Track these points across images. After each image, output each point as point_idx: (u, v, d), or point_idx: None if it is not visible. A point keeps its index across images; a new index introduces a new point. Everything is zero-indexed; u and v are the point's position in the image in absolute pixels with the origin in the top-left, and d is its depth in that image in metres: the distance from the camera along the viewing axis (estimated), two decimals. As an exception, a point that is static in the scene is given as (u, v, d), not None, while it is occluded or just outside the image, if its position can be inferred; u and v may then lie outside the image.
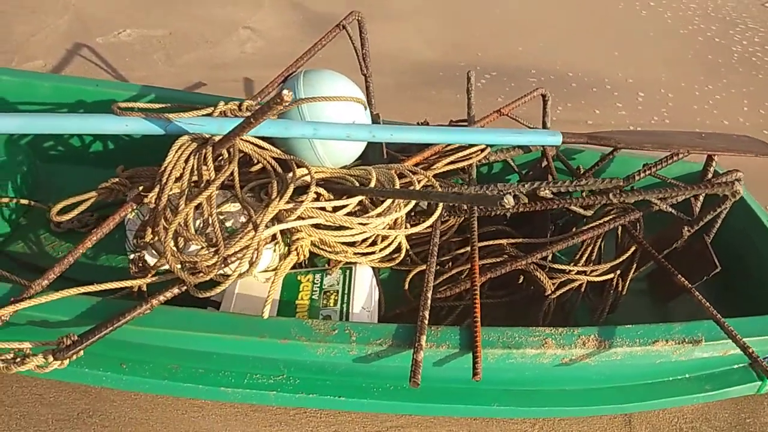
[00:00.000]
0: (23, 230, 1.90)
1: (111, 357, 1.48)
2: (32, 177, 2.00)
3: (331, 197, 1.52)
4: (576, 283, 1.70)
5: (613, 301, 1.74)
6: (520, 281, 1.80)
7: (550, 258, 1.70)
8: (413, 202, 1.55)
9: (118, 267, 1.80)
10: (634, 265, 1.74)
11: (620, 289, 1.74)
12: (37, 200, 1.86)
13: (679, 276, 1.54)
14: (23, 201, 1.85)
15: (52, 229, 1.89)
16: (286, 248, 1.52)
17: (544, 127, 1.98)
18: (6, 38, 3.42)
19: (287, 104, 1.09)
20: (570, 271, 1.69)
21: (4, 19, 3.61)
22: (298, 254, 1.47)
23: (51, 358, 1.22)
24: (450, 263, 1.79)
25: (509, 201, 1.11)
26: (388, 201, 1.51)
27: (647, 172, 1.77)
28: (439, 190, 1.67)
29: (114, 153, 2.08)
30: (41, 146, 2.06)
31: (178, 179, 1.43)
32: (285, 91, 1.09)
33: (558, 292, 1.68)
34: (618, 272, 1.74)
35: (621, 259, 1.73)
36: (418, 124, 2.14)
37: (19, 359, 1.23)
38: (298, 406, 1.59)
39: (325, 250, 1.54)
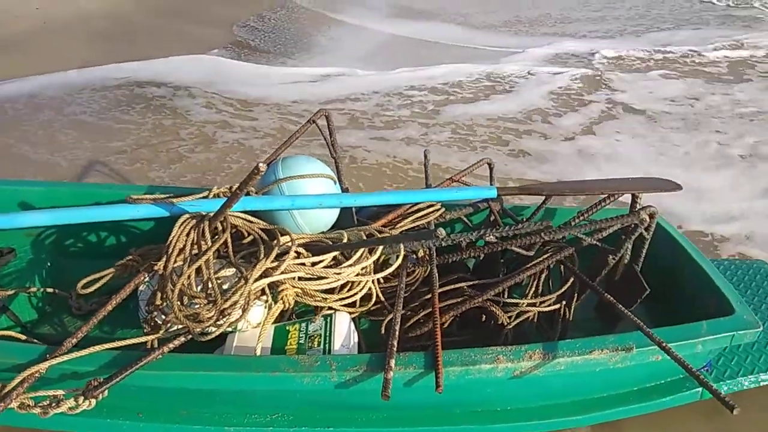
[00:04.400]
0: (49, 316, 2.17)
1: (128, 408, 1.72)
2: (55, 270, 2.31)
3: (310, 255, 1.82)
4: (529, 315, 1.96)
5: (562, 329, 1.99)
6: (483, 320, 2.05)
7: (506, 295, 1.97)
8: (378, 253, 1.84)
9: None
10: (575, 295, 2.01)
11: (567, 316, 2.00)
12: (60, 289, 2.15)
13: (607, 296, 1.80)
14: (49, 289, 2.14)
15: (74, 313, 2.16)
16: (274, 302, 1.80)
17: (491, 188, 2.31)
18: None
19: (263, 173, 1.41)
20: (521, 303, 1.96)
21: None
22: (284, 303, 1.75)
23: (81, 399, 1.46)
24: (421, 309, 2.05)
25: (441, 232, 1.42)
26: (358, 254, 1.81)
27: (581, 217, 2.09)
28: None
29: (126, 246, 2.37)
30: (63, 243, 2.37)
31: (181, 250, 1.74)
32: (261, 164, 1.42)
33: (513, 323, 1.93)
34: (563, 302, 2.01)
35: (563, 290, 2.00)
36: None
37: (54, 404, 1.47)
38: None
39: (308, 299, 1.82)
